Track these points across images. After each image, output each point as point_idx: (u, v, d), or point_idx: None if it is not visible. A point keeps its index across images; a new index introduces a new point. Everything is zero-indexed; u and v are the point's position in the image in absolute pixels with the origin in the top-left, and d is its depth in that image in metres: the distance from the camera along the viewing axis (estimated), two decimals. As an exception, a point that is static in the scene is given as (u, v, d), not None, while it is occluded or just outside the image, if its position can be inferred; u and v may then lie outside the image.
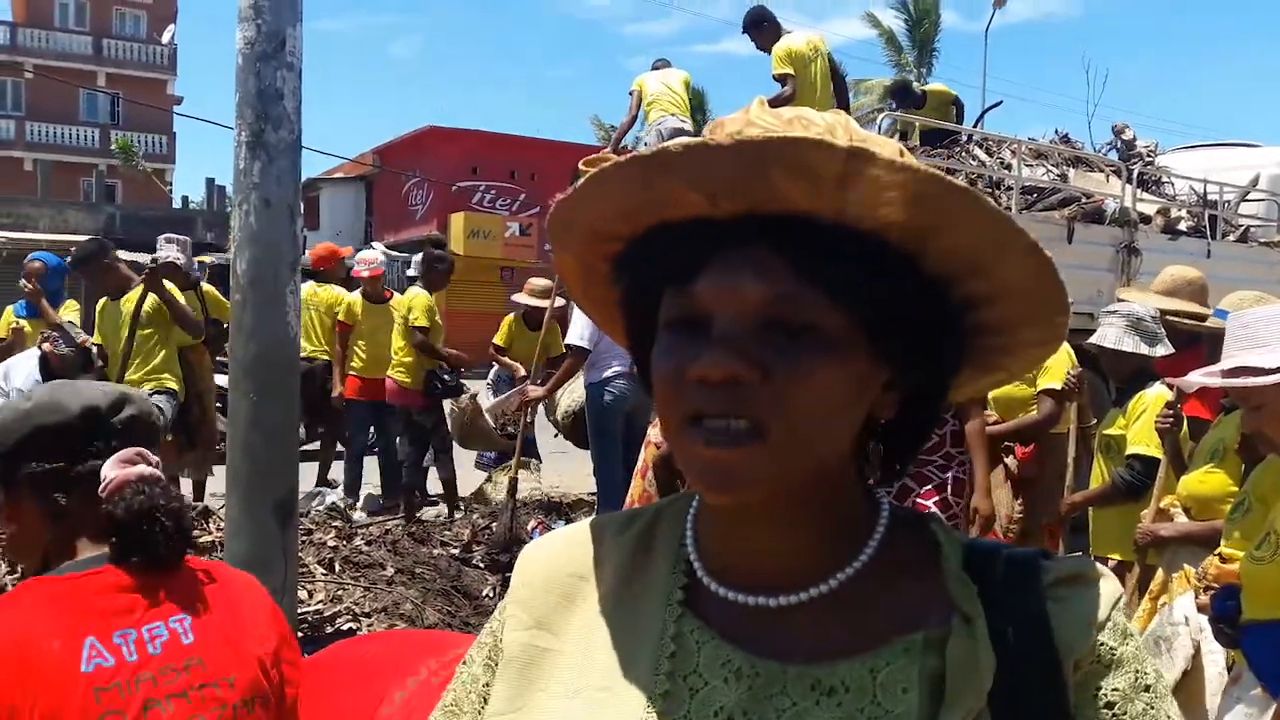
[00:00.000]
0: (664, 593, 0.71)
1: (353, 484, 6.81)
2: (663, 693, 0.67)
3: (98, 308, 5.61)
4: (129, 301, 5.30)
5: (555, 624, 0.73)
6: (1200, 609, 2.47)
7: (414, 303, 6.68)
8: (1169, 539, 3.14)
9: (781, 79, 6.79)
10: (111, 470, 1.40)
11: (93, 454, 1.42)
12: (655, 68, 7.87)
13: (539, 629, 0.73)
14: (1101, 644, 0.65)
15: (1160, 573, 3.14)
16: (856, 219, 0.62)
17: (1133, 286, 5.45)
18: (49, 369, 4.81)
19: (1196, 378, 2.35)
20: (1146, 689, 0.66)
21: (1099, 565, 0.69)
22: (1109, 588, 0.67)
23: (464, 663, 0.78)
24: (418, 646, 1.74)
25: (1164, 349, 3.62)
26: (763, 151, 0.60)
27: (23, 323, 5.99)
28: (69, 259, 5.59)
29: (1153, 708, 0.65)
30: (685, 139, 0.63)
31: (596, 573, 0.74)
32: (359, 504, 6.70)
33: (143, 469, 1.42)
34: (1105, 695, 0.65)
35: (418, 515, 6.16)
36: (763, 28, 7.17)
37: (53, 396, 1.45)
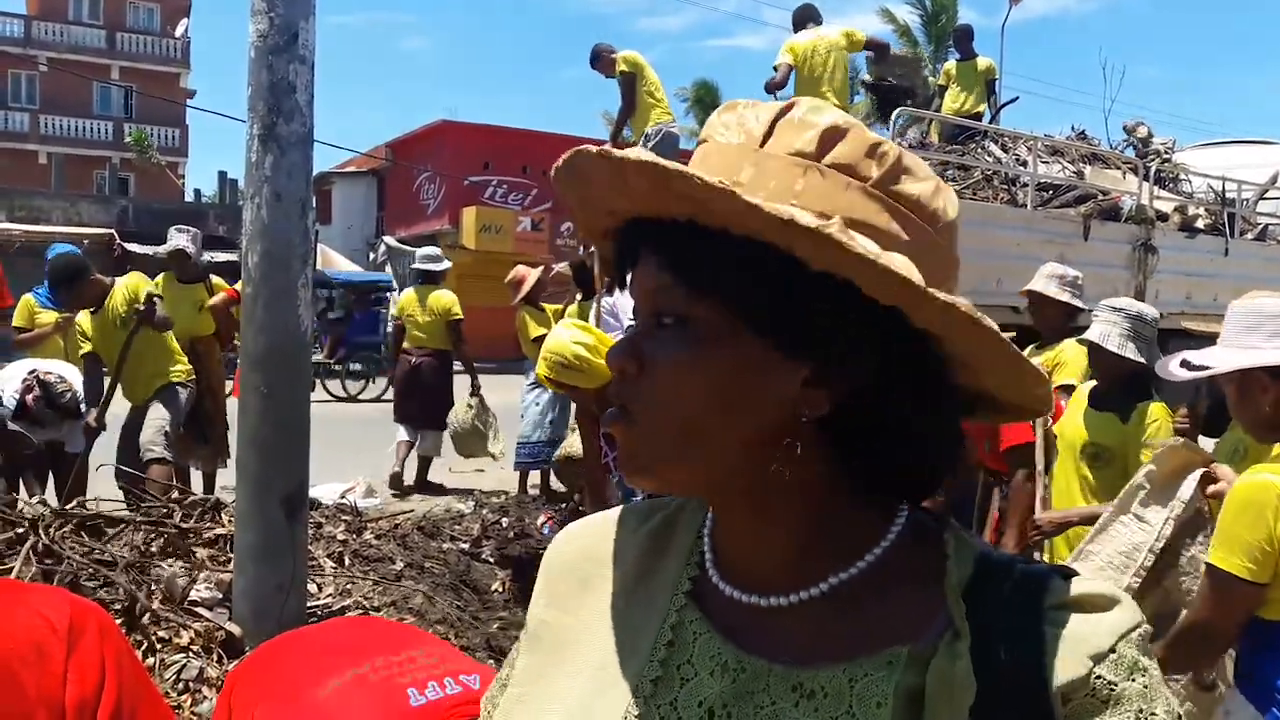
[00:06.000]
0: (673, 584, 0.73)
1: None
2: (653, 679, 0.68)
3: (79, 322, 5.55)
4: (115, 301, 5.40)
5: (570, 605, 0.76)
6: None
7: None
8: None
9: (775, 68, 7.36)
10: None
11: None
12: (604, 54, 7.58)
13: (555, 609, 0.77)
14: (1098, 677, 0.59)
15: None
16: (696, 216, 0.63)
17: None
18: (25, 410, 4.72)
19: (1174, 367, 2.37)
20: None
21: (1118, 592, 0.63)
22: (1120, 617, 0.62)
23: (518, 641, 0.82)
24: (378, 640, 1.64)
25: (1152, 357, 3.49)
26: (588, 167, 0.65)
27: (43, 312, 5.89)
28: (49, 276, 5.53)
29: None
30: (585, 149, 0.66)
31: (615, 560, 0.77)
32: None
33: None
34: None
35: (428, 513, 6.18)
36: (795, 23, 7.58)
37: None
